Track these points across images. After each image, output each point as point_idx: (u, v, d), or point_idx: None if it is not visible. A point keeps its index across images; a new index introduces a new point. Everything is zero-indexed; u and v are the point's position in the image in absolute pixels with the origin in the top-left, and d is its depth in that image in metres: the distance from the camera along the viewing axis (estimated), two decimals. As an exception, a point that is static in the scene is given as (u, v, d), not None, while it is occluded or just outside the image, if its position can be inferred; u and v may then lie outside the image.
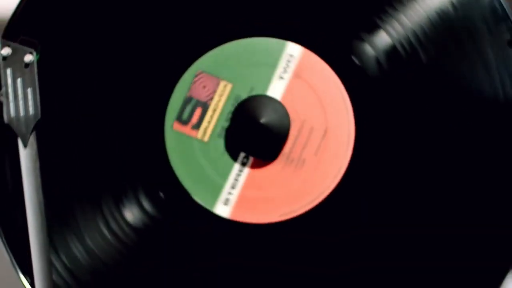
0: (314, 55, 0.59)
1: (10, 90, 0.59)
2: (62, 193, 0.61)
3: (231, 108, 0.60)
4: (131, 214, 0.60)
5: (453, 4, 0.59)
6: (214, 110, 0.60)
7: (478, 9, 0.59)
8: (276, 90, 0.59)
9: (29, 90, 0.59)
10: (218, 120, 0.60)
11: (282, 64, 0.60)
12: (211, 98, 0.60)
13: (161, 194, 0.60)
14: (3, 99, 0.59)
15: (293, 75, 0.59)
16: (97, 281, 0.61)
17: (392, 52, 0.59)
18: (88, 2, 0.61)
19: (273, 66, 0.60)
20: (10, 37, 0.60)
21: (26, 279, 0.61)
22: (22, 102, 0.59)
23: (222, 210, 0.60)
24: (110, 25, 0.61)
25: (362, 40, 0.59)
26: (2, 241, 0.61)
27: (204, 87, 0.61)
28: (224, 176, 0.60)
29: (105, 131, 0.61)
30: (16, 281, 0.61)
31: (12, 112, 0.59)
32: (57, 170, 0.61)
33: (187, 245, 0.59)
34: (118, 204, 0.60)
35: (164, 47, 0.60)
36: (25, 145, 0.58)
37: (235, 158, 0.60)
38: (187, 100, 0.60)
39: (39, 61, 0.59)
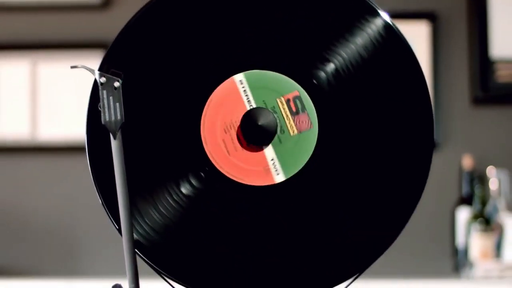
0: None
1: (105, 103, 0.85)
2: (144, 181, 0.87)
3: None
4: (186, 189, 0.88)
5: (372, 43, 0.88)
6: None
7: (392, 46, 0.88)
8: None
9: (117, 104, 0.85)
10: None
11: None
12: None
13: (202, 174, 0.87)
14: (101, 109, 0.84)
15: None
16: (167, 232, 0.87)
17: (336, 74, 0.88)
18: (151, 48, 0.87)
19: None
20: (104, 70, 0.85)
21: (115, 226, 0.88)
22: (113, 111, 0.84)
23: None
24: (169, 63, 0.87)
25: (318, 68, 0.88)
26: (101, 201, 0.87)
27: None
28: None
29: (170, 139, 0.87)
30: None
31: (106, 117, 0.84)
32: (142, 166, 0.87)
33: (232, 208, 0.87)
34: (178, 184, 0.87)
35: (190, 87, 0.88)
36: (114, 138, 0.84)
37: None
38: None
39: (122, 85, 0.85)
